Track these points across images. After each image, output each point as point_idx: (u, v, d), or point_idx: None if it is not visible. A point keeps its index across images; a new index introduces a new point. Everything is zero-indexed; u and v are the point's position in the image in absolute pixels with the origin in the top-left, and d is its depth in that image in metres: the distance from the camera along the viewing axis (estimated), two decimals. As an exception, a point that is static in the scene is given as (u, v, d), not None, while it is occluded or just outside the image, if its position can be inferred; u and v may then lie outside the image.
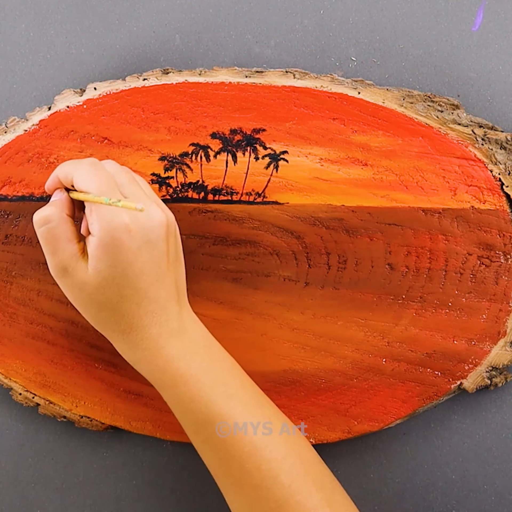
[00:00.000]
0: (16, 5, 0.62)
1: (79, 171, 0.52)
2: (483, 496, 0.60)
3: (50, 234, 0.52)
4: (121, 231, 0.50)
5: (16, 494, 0.63)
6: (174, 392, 0.52)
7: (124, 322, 0.52)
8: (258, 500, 0.51)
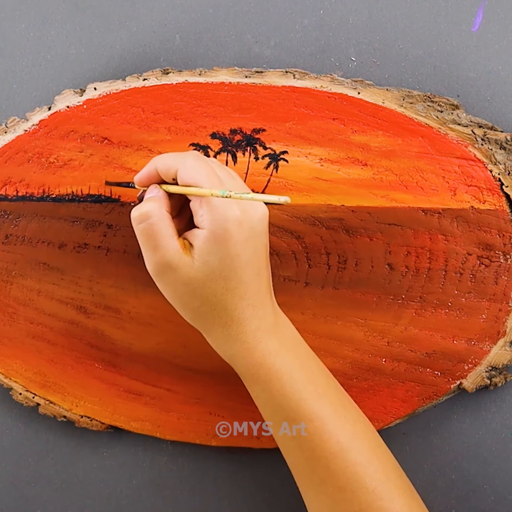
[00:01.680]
0: (16, 5, 0.60)
1: (184, 163, 0.49)
2: (483, 496, 0.58)
3: (151, 230, 0.49)
4: (233, 224, 0.48)
5: (16, 493, 0.61)
6: (268, 388, 0.50)
7: (226, 315, 0.50)
8: (342, 502, 0.49)
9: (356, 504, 0.49)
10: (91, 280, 0.58)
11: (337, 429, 0.50)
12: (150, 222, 0.49)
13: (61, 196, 0.57)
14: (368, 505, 0.49)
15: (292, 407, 0.50)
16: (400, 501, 0.50)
